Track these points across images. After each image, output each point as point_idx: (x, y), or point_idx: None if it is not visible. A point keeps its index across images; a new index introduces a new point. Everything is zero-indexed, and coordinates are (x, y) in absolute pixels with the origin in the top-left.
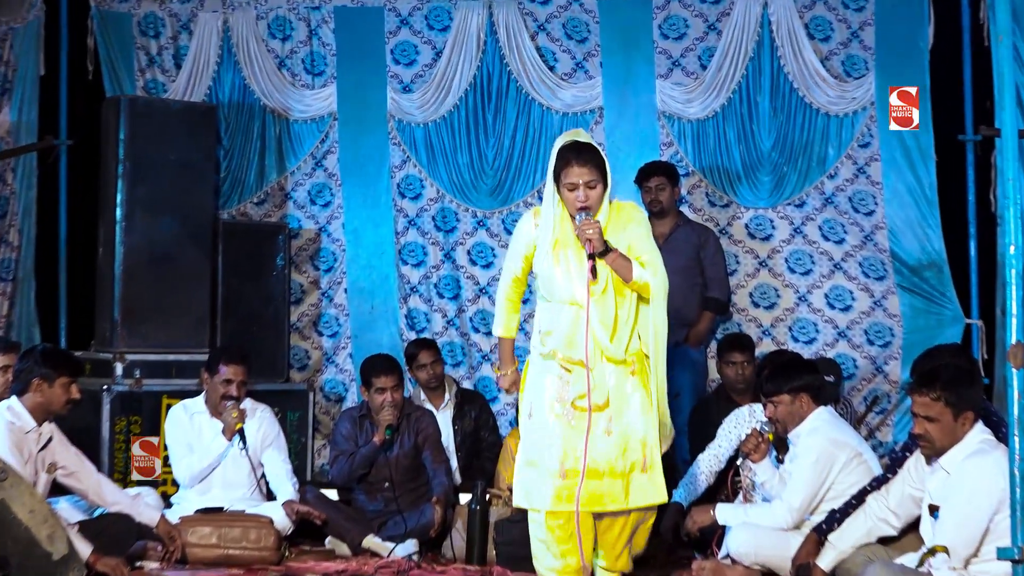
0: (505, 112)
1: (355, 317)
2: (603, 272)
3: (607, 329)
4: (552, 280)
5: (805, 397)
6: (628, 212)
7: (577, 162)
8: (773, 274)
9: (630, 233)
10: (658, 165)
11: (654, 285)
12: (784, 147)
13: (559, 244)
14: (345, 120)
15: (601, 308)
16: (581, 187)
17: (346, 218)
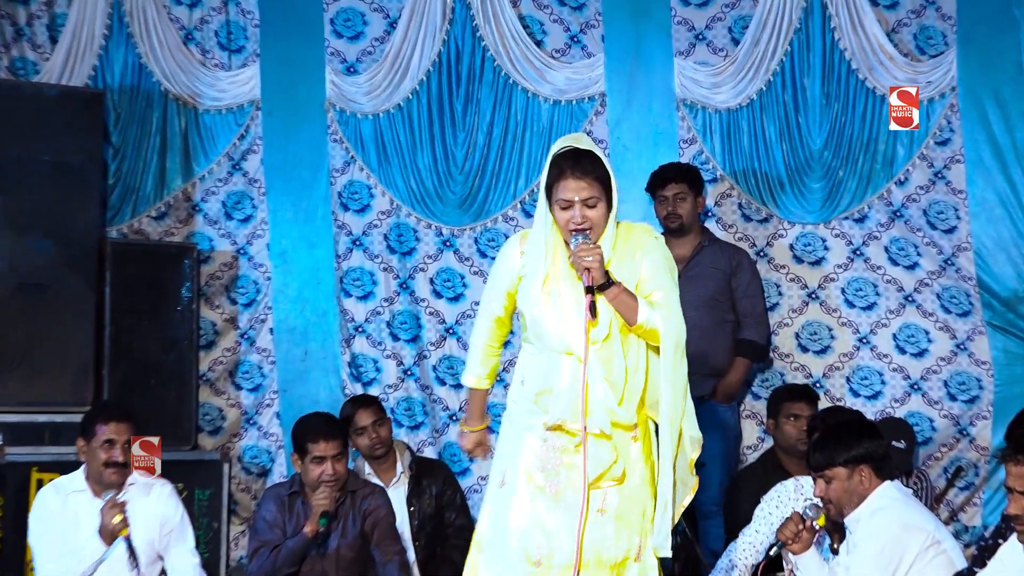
0: (479, 100)
1: (284, 365)
2: (605, 312)
3: (614, 387)
4: (542, 324)
5: (866, 470)
6: (639, 238)
7: (573, 173)
8: (826, 309)
9: (640, 264)
10: (677, 169)
11: (665, 333)
12: (840, 145)
13: (551, 278)
14: (271, 110)
15: (605, 359)
16: (577, 205)
17: (272, 237)
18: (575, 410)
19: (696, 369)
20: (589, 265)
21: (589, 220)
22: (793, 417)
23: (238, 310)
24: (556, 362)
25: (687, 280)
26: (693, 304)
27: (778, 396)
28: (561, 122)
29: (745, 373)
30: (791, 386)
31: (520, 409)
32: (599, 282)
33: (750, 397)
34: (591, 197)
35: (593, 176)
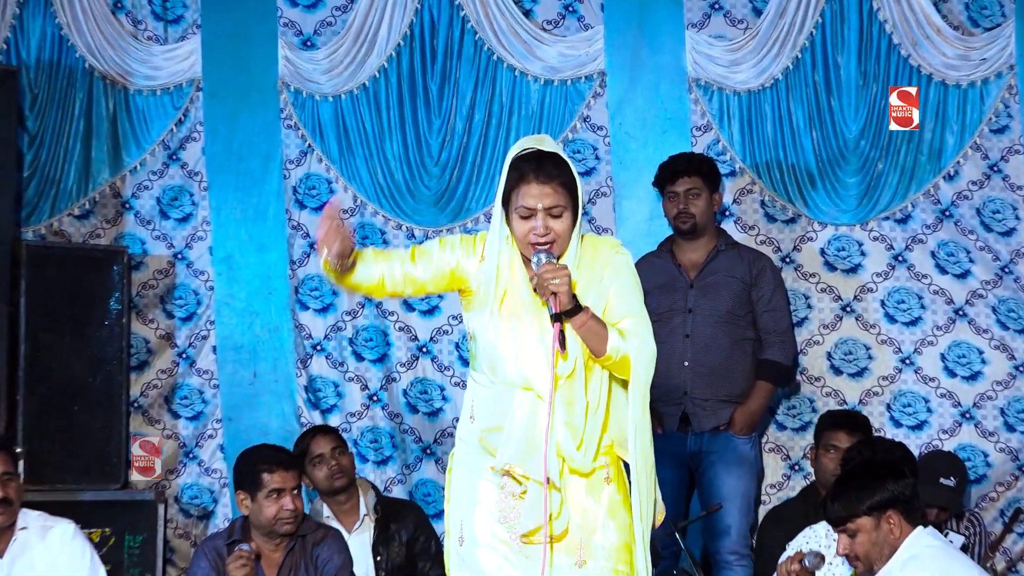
0: (457, 80)
1: (228, 390)
2: (573, 343)
3: (574, 430)
4: (497, 354)
5: (894, 516)
6: (605, 255)
7: (536, 178)
8: (863, 324)
9: (608, 285)
10: (689, 160)
11: (636, 363)
12: (879, 133)
13: (508, 301)
14: (214, 91)
15: (567, 398)
16: (540, 214)
17: (215, 239)
18: (527, 453)
19: (711, 395)
20: (556, 288)
21: (553, 233)
22: (831, 448)
23: (175, 325)
24: (509, 397)
25: (700, 291)
26: (707, 319)
27: (821, 423)
28: (554, 105)
29: (767, 399)
30: (833, 412)
31: (468, 449)
32: (567, 307)
33: (773, 427)
34: (556, 206)
35: (559, 181)
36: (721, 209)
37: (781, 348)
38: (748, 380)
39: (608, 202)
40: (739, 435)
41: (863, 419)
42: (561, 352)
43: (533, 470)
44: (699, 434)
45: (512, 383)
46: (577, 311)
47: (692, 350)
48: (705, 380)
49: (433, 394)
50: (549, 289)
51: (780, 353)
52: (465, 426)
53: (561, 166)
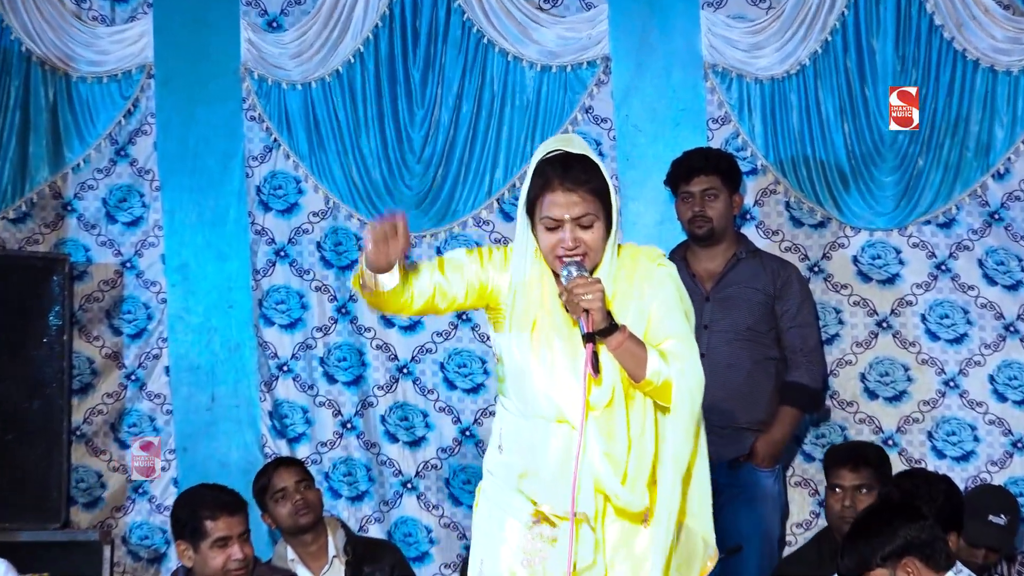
0: (443, 66)
1: (183, 416)
2: (609, 366)
3: (615, 462)
4: (528, 383)
5: (912, 564)
6: (645, 267)
7: (563, 184)
8: (901, 342)
9: (650, 302)
10: (706, 157)
11: (679, 389)
12: (920, 126)
13: (540, 321)
14: (167, 78)
15: (606, 429)
16: (568, 225)
17: (168, 246)
18: (563, 493)
19: (728, 422)
20: (589, 305)
21: (583, 245)
22: (835, 488)
23: (123, 343)
24: (544, 432)
25: (718, 304)
26: (725, 336)
27: (825, 459)
28: (552, 94)
29: (793, 427)
30: (836, 447)
31: (498, 484)
32: (600, 326)
33: (800, 459)
34: (586, 215)
35: (588, 188)
36: (742, 212)
37: (809, 369)
38: (771, 405)
39: None
40: (761, 467)
41: (874, 453)
42: (594, 376)
43: (565, 509)
44: (716, 466)
45: (544, 416)
46: (612, 330)
47: (708, 371)
48: (723, 405)
49: (415, 421)
50: (580, 306)
51: (808, 375)
52: (493, 456)
53: (591, 170)
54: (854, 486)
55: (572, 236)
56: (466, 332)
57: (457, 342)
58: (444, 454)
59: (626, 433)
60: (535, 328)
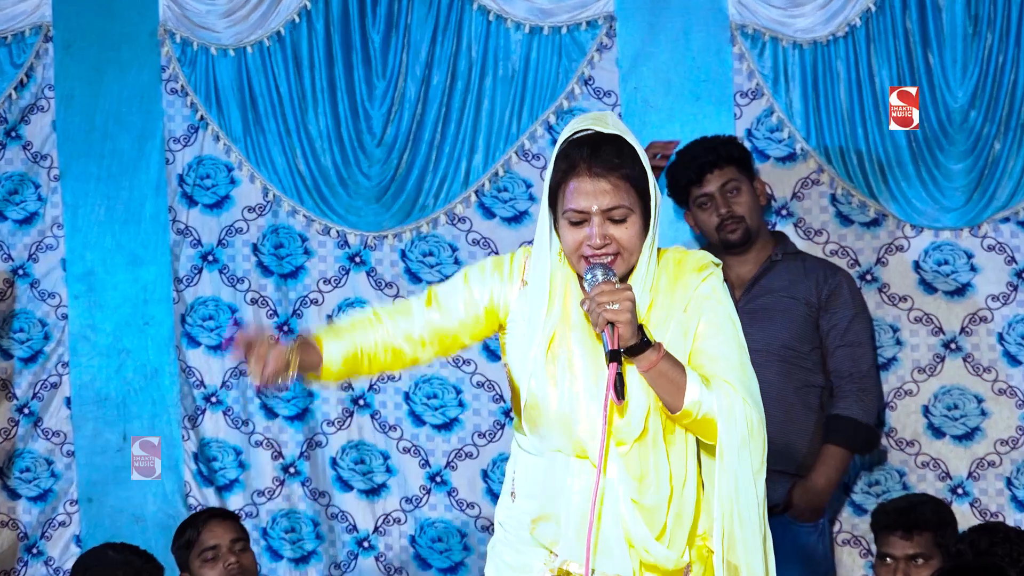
0: (408, 26)
1: (89, 459)
2: (643, 394)
3: (648, 513)
4: (542, 409)
5: None
6: (689, 277)
7: (591, 170)
8: (973, 367)
9: (694, 319)
10: (713, 148)
11: (727, 426)
12: (995, 102)
13: (560, 337)
14: (69, 42)
15: (637, 470)
16: (596, 218)
17: (70, 249)
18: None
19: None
20: (614, 317)
21: (614, 244)
22: (885, 558)
23: (14, 367)
24: (563, 470)
25: (748, 316)
26: (756, 356)
27: (873, 521)
28: (543, 62)
29: (841, 472)
30: (885, 507)
31: (511, 538)
32: (629, 343)
33: (850, 511)
34: (618, 207)
35: (621, 174)
36: (769, 205)
37: (860, 400)
38: (813, 444)
39: None
40: (800, 521)
41: (932, 513)
42: (617, 403)
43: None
44: None
45: (564, 451)
46: (644, 348)
47: None
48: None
49: (373, 464)
50: (605, 317)
51: (859, 407)
52: (505, 506)
53: (626, 153)
54: (907, 556)
55: (601, 232)
56: None
57: (426, 368)
58: (409, 505)
59: (667, 477)
60: (553, 344)
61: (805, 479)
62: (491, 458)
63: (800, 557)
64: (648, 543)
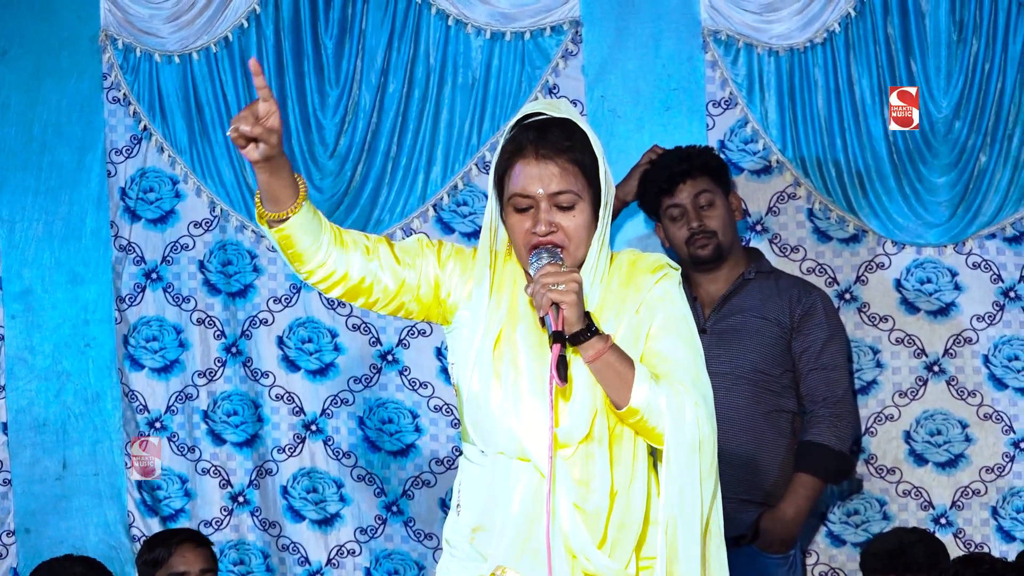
0: (364, 31)
1: (26, 487)
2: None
3: (590, 519)
4: (485, 410)
5: None
6: (643, 279)
7: (538, 152)
8: (958, 391)
9: (647, 321)
10: (687, 157)
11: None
12: (981, 112)
13: (505, 337)
14: (4, 48)
15: (580, 473)
16: (543, 203)
17: (6, 267)
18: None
19: (730, 492)
20: (559, 298)
21: (561, 232)
22: None
23: None
24: (504, 474)
25: (716, 337)
26: (725, 380)
27: (862, 562)
28: (506, 69)
29: (812, 501)
30: (873, 545)
31: (457, 554)
32: (574, 328)
33: (827, 542)
34: (565, 192)
35: (570, 158)
36: (744, 219)
37: (834, 426)
38: (784, 472)
39: None
40: (769, 552)
41: (923, 553)
42: (560, 385)
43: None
44: None
45: (507, 453)
46: (590, 336)
47: None
48: (721, 470)
49: (327, 493)
50: (548, 297)
51: (832, 433)
52: (451, 523)
53: (576, 137)
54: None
55: (547, 219)
56: (391, 377)
57: (381, 390)
58: (364, 536)
59: (608, 480)
60: (499, 342)
61: (774, 508)
62: (449, 486)
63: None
64: (588, 550)
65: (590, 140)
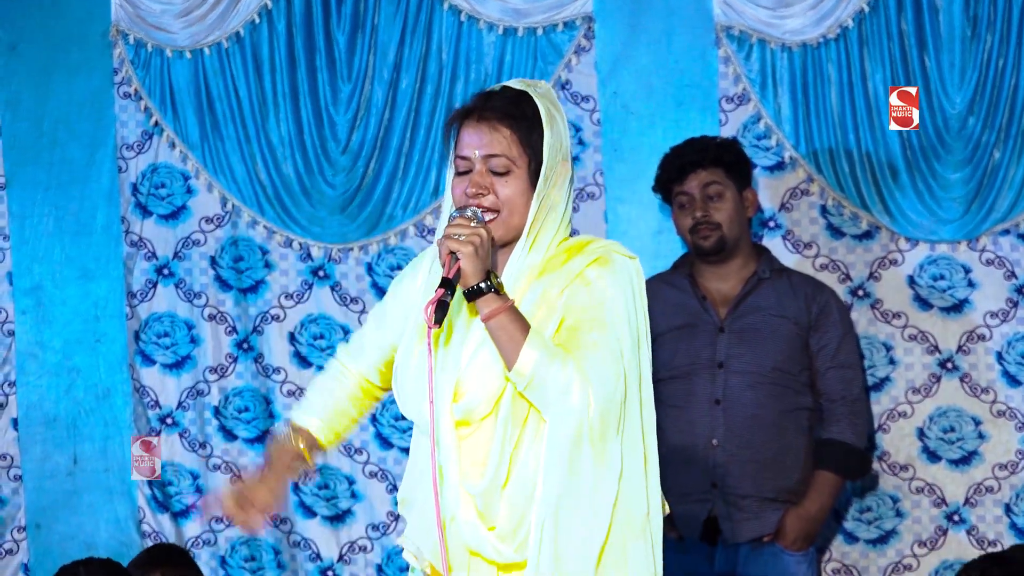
0: (376, 27)
1: (37, 483)
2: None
3: (480, 500)
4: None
5: None
6: (577, 259)
7: (480, 115)
8: (971, 388)
9: (568, 297)
10: (704, 147)
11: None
12: (994, 108)
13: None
14: (15, 43)
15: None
16: (478, 165)
17: (16, 262)
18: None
19: (753, 490)
20: (456, 247)
21: (492, 196)
22: None
23: None
24: (416, 445)
25: (736, 336)
26: (747, 378)
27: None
28: (518, 65)
29: (834, 498)
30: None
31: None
32: (470, 282)
33: (841, 539)
34: (498, 156)
35: (509, 124)
36: (760, 214)
37: (852, 423)
38: (804, 470)
39: (597, 206)
40: (791, 550)
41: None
42: (434, 327)
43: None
44: (733, 547)
45: (418, 424)
46: (482, 290)
47: (725, 423)
48: (745, 468)
49: (338, 489)
50: (447, 246)
51: (850, 430)
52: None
53: (524, 106)
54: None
55: (478, 180)
56: None
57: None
58: (375, 533)
59: (508, 464)
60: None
61: (797, 506)
62: None
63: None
64: (476, 533)
65: (542, 114)
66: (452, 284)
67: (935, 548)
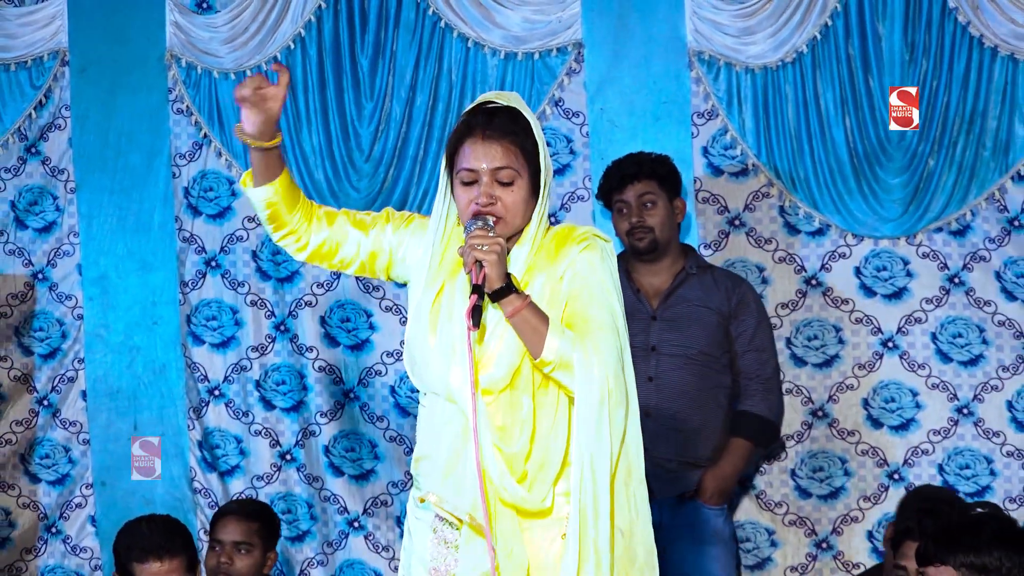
0: (394, 52)
1: (102, 446)
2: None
3: (511, 460)
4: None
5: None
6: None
7: (484, 133)
8: (909, 364)
9: (569, 280)
10: (640, 162)
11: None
12: (930, 121)
13: (447, 293)
14: (84, 66)
15: (501, 418)
16: (485, 177)
17: (85, 255)
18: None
19: (677, 455)
20: (482, 256)
21: (500, 204)
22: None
23: (34, 363)
24: (440, 412)
25: (666, 324)
26: (676, 360)
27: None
28: (518, 85)
29: (746, 461)
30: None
31: (414, 491)
32: (495, 285)
33: (796, 495)
34: (505, 168)
35: (512, 140)
36: (726, 213)
37: (765, 398)
38: (722, 438)
39: (586, 208)
40: (709, 504)
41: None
42: (473, 328)
43: (461, 505)
44: (659, 502)
45: (439, 392)
46: (506, 292)
47: (657, 398)
48: (672, 436)
49: (363, 452)
50: (473, 256)
51: (763, 404)
52: (412, 465)
53: (520, 124)
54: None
55: (487, 191)
56: None
57: None
58: (395, 489)
59: (531, 425)
60: (440, 296)
61: (714, 467)
62: None
63: (710, 536)
64: (506, 482)
65: (534, 128)
66: (481, 289)
67: (878, 502)
